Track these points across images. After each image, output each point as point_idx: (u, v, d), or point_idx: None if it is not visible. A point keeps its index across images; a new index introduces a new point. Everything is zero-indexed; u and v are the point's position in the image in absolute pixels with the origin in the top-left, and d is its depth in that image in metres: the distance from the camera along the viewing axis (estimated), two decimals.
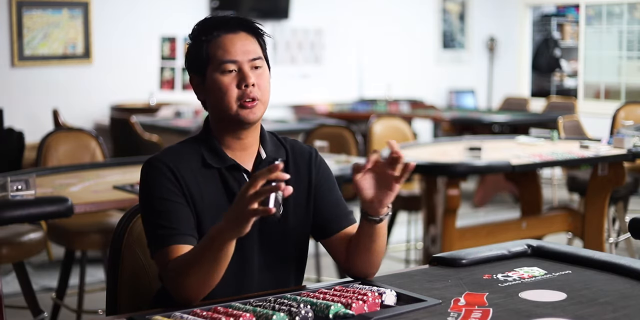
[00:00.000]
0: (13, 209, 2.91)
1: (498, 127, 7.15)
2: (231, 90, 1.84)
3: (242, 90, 1.84)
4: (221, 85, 1.84)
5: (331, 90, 8.54)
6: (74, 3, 7.02)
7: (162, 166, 1.82)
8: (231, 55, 1.84)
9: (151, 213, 1.80)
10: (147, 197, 1.82)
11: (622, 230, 5.07)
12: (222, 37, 1.86)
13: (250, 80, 1.83)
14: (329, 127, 5.14)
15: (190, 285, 1.69)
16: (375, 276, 1.93)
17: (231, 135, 1.89)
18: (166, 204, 1.79)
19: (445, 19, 9.30)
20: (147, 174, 1.84)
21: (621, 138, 4.22)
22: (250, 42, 1.87)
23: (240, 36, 1.87)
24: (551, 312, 1.65)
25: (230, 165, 1.87)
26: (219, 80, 1.84)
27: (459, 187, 3.99)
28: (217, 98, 1.85)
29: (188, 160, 1.85)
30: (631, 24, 8.10)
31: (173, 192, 1.80)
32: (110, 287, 2.01)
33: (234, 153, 1.89)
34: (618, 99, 8.17)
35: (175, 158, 1.85)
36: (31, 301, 3.61)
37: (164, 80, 7.58)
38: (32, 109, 6.87)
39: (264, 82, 1.87)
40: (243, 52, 1.85)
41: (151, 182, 1.82)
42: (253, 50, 1.87)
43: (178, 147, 1.90)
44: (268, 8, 7.98)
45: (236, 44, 1.86)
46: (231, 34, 1.87)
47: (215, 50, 1.85)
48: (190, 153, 1.87)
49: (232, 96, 1.84)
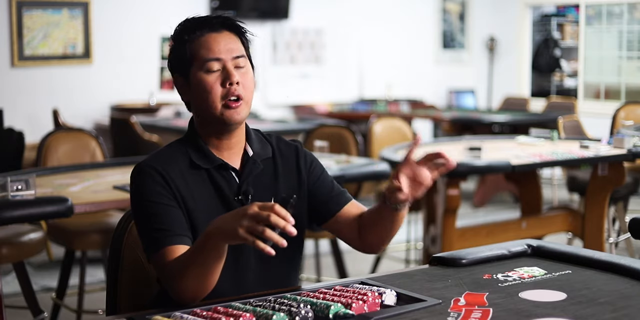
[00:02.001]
0: (13, 209, 2.91)
1: (498, 127, 7.15)
2: (215, 89, 1.84)
3: (226, 88, 1.84)
4: (205, 85, 1.84)
5: (331, 90, 8.54)
6: (74, 3, 7.02)
7: (150, 170, 1.83)
8: (215, 54, 1.85)
9: (144, 217, 1.81)
10: (139, 202, 1.83)
11: (622, 230, 5.07)
12: (206, 36, 1.87)
13: (235, 78, 1.84)
14: (329, 127, 5.13)
15: (187, 287, 1.69)
16: (375, 276, 1.93)
17: (217, 135, 1.90)
18: (158, 207, 1.79)
19: (445, 19, 9.30)
20: (136, 179, 1.85)
21: (621, 138, 4.22)
22: (233, 41, 1.88)
23: (223, 35, 1.87)
24: (551, 312, 1.65)
25: (219, 165, 1.88)
26: (203, 79, 1.85)
27: (459, 187, 3.99)
28: (201, 98, 1.85)
29: (176, 163, 1.86)
30: (631, 24, 8.10)
31: (164, 195, 1.81)
32: (110, 287, 2.01)
33: (220, 152, 1.90)
34: (618, 99, 8.17)
35: (163, 161, 1.85)
36: (31, 301, 3.61)
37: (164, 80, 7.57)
38: (32, 109, 6.87)
39: (247, 82, 1.87)
40: (226, 50, 1.85)
41: (141, 187, 1.82)
42: (237, 48, 1.87)
43: (165, 151, 1.91)
44: (268, 8, 7.98)
45: (220, 43, 1.86)
46: (214, 33, 1.87)
47: (198, 50, 1.86)
48: (177, 155, 1.88)
49: (217, 95, 1.84)
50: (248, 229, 1.55)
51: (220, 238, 1.62)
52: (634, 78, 8.17)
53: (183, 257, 1.71)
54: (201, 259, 1.66)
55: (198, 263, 1.67)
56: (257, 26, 7.71)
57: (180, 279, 1.69)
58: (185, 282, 1.69)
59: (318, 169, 2.02)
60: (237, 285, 1.85)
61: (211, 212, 1.81)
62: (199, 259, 1.67)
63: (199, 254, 1.66)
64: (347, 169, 3.78)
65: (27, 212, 2.92)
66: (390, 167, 3.95)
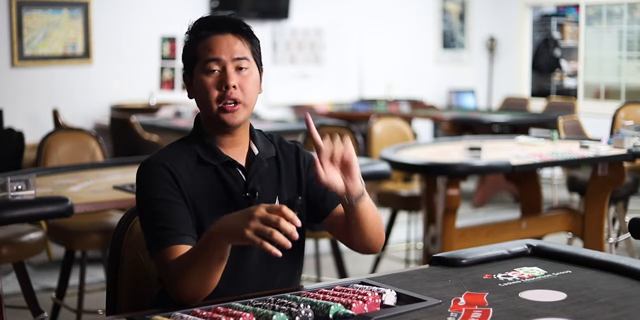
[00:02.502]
0: (13, 209, 2.91)
1: (498, 127, 7.15)
2: (212, 91, 1.84)
3: (222, 91, 1.84)
4: (203, 86, 1.85)
5: (331, 90, 8.54)
6: (74, 3, 7.02)
7: (158, 167, 1.82)
8: (215, 54, 1.85)
9: (149, 215, 1.80)
10: (144, 199, 1.82)
11: (622, 230, 5.07)
12: (210, 37, 1.87)
13: (231, 82, 1.83)
14: (329, 127, 5.13)
15: (188, 286, 1.69)
16: (375, 276, 1.93)
17: (221, 133, 1.90)
18: (164, 204, 1.79)
19: (445, 19, 9.30)
20: (143, 175, 1.84)
21: (621, 138, 4.22)
22: (237, 44, 1.88)
23: (227, 37, 1.87)
24: (551, 312, 1.65)
25: (226, 162, 1.88)
26: (202, 80, 1.85)
27: (459, 187, 3.99)
28: (200, 98, 1.87)
29: (183, 159, 1.85)
30: (631, 24, 8.10)
31: (170, 192, 1.80)
32: (110, 287, 2.01)
33: (226, 150, 1.91)
34: (618, 99, 8.17)
35: (170, 158, 1.85)
36: (31, 301, 3.61)
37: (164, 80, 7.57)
38: (32, 109, 6.87)
39: (249, 85, 1.87)
40: (227, 51, 1.85)
41: (148, 184, 1.82)
42: (239, 50, 1.87)
43: (170, 148, 1.90)
44: (268, 8, 7.98)
45: (222, 44, 1.86)
46: (219, 35, 1.87)
47: (202, 50, 1.87)
48: (183, 152, 1.88)
49: (213, 97, 1.84)
50: (256, 231, 1.55)
51: (224, 237, 1.62)
52: (634, 78, 8.17)
53: (185, 257, 1.71)
54: (204, 259, 1.66)
55: (200, 262, 1.67)
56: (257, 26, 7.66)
57: (181, 278, 1.69)
58: (187, 281, 1.69)
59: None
60: (239, 286, 1.85)
61: (218, 208, 1.81)
62: (202, 258, 1.67)
63: (201, 253, 1.66)
64: None
65: (27, 212, 2.92)
66: (390, 167, 3.95)
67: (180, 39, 6.52)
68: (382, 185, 5.00)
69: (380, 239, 1.95)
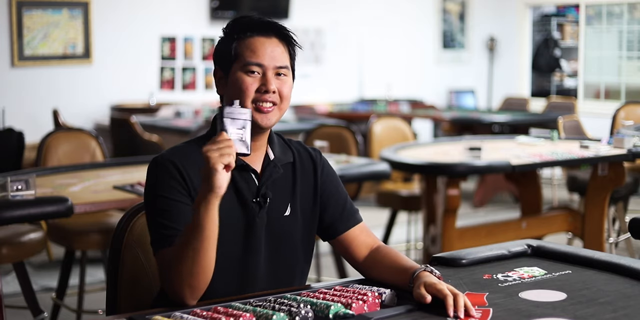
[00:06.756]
0: (13, 209, 2.91)
1: (498, 127, 7.15)
2: (250, 91, 1.83)
3: (260, 93, 1.84)
4: (242, 84, 1.84)
5: (331, 90, 8.54)
6: (74, 3, 7.02)
7: (168, 165, 1.81)
8: (258, 59, 1.84)
9: (155, 211, 1.80)
10: (152, 196, 1.81)
11: (622, 230, 5.07)
12: (254, 38, 1.86)
13: (271, 87, 1.83)
14: (329, 127, 5.13)
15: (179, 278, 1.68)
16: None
17: None
18: (170, 203, 1.78)
19: (445, 19, 9.30)
20: (153, 172, 1.83)
21: (621, 138, 4.22)
22: (279, 50, 1.87)
23: (271, 41, 1.87)
24: (551, 312, 1.65)
25: (239, 166, 1.84)
26: (241, 78, 1.84)
27: (459, 187, 3.99)
28: (235, 96, 1.84)
29: (195, 160, 1.82)
30: (631, 24, 8.10)
31: (178, 191, 1.79)
32: (110, 287, 2.01)
33: None
34: (618, 99, 8.17)
35: (182, 157, 1.83)
36: (31, 301, 3.61)
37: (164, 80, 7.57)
38: (32, 109, 6.87)
39: (285, 90, 1.87)
40: (270, 58, 1.85)
41: (157, 181, 1.81)
42: (280, 58, 1.86)
43: (185, 146, 1.88)
44: (268, 8, 7.98)
45: (266, 48, 1.85)
46: (263, 37, 1.87)
47: (244, 50, 1.85)
48: (197, 152, 1.86)
49: (250, 97, 1.83)
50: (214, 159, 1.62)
51: (204, 193, 1.65)
52: (634, 78, 8.18)
53: (173, 250, 1.71)
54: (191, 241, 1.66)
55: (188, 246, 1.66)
56: None
57: (173, 270, 1.68)
58: (177, 271, 1.68)
59: (334, 184, 1.99)
60: (245, 287, 1.84)
61: (227, 211, 1.79)
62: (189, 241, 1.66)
63: (189, 234, 1.66)
64: (347, 169, 3.78)
65: (27, 212, 2.92)
66: (390, 167, 3.95)
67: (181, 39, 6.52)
68: (382, 185, 5.01)
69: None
